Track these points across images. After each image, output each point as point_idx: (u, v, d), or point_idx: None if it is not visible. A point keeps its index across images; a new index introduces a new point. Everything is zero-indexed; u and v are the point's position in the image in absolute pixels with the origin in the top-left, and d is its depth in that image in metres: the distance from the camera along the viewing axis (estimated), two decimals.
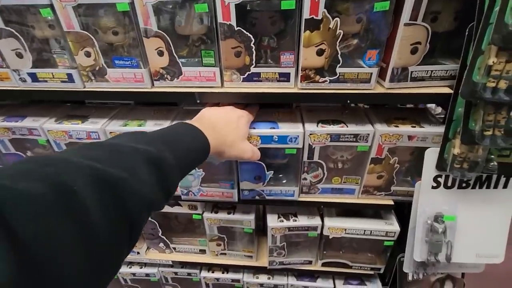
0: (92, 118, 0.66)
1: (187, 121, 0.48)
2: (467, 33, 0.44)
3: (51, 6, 0.50)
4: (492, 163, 0.52)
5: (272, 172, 0.65)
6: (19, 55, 0.56)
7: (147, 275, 0.94)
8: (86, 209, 0.24)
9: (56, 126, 0.63)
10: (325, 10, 0.46)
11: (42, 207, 0.22)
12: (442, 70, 0.51)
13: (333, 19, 0.47)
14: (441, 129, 0.54)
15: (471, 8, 0.42)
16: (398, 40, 0.48)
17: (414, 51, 0.49)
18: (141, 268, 0.94)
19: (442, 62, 0.51)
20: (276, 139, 0.58)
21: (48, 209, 0.22)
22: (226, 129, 0.51)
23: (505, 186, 0.58)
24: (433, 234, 0.60)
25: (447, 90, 0.51)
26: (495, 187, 0.58)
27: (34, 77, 0.58)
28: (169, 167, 0.36)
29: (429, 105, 0.71)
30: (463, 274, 0.74)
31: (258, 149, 0.56)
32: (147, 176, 0.32)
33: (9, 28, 0.53)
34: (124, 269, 0.94)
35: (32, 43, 0.56)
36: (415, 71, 0.51)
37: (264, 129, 0.58)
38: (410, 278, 0.70)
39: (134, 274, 0.95)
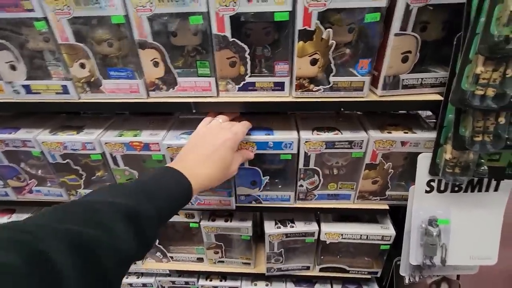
0: (87, 128, 0.65)
1: (170, 164, 0.48)
2: (455, 42, 0.46)
3: (46, 19, 0.50)
4: (483, 167, 0.53)
5: (268, 177, 0.65)
6: (13, 68, 0.56)
7: (144, 285, 0.93)
8: (60, 278, 0.24)
9: (50, 137, 0.63)
10: (318, 21, 0.47)
11: (14, 280, 0.22)
12: (432, 78, 0.52)
13: (325, 30, 0.48)
14: (432, 135, 0.55)
15: (459, 18, 0.44)
16: (389, 50, 0.49)
17: (404, 60, 0.50)
18: (138, 278, 0.93)
19: (432, 70, 0.53)
20: (271, 145, 0.59)
21: (20, 282, 0.22)
22: (209, 163, 0.49)
23: (496, 189, 0.59)
24: (427, 238, 0.61)
25: (437, 97, 0.53)
26: (487, 190, 0.59)
27: (28, 89, 0.58)
28: (147, 220, 0.37)
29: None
30: (458, 276, 0.75)
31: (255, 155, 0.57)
32: (124, 232, 0.33)
33: (2, 41, 0.53)
34: None
35: (26, 55, 0.55)
36: (406, 79, 0.52)
37: (259, 136, 0.59)
38: (406, 281, 0.70)
39: (131, 285, 0.93)
